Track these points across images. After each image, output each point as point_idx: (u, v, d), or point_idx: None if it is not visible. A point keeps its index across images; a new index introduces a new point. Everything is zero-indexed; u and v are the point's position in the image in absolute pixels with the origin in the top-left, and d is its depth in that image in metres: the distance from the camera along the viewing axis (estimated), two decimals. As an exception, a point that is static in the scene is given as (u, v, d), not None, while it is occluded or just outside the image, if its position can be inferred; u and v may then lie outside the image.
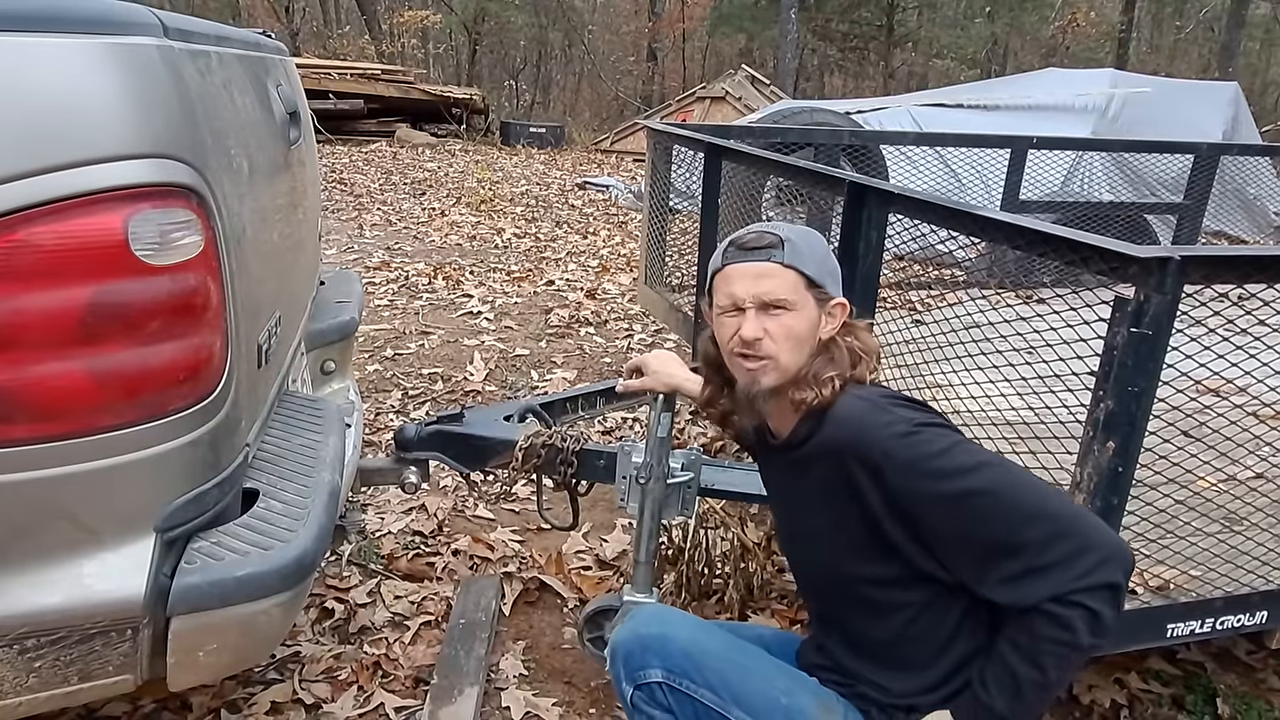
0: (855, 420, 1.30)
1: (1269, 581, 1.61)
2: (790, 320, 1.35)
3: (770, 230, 1.40)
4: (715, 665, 1.41)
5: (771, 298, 1.35)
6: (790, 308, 1.35)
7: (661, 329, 4.79)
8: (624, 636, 1.50)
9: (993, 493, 1.19)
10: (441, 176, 10.65)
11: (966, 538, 1.22)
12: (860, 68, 24.51)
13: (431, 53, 24.70)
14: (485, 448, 2.21)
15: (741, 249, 1.39)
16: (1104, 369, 1.34)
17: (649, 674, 1.43)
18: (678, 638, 1.44)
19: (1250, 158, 5.11)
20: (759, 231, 1.40)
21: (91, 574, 1.17)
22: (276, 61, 1.97)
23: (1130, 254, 1.29)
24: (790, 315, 1.35)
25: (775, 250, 1.36)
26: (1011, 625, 1.20)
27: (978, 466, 1.22)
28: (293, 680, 2.05)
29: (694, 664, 1.41)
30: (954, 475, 1.21)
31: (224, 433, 1.30)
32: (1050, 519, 1.16)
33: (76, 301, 1.10)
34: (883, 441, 1.25)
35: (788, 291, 1.35)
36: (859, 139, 4.35)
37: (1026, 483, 1.22)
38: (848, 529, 1.33)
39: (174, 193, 1.17)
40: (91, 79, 1.11)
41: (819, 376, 1.35)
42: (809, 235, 1.42)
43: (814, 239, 1.42)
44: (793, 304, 1.35)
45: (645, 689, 1.44)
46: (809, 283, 1.36)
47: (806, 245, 1.38)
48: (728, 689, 1.39)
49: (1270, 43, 22.59)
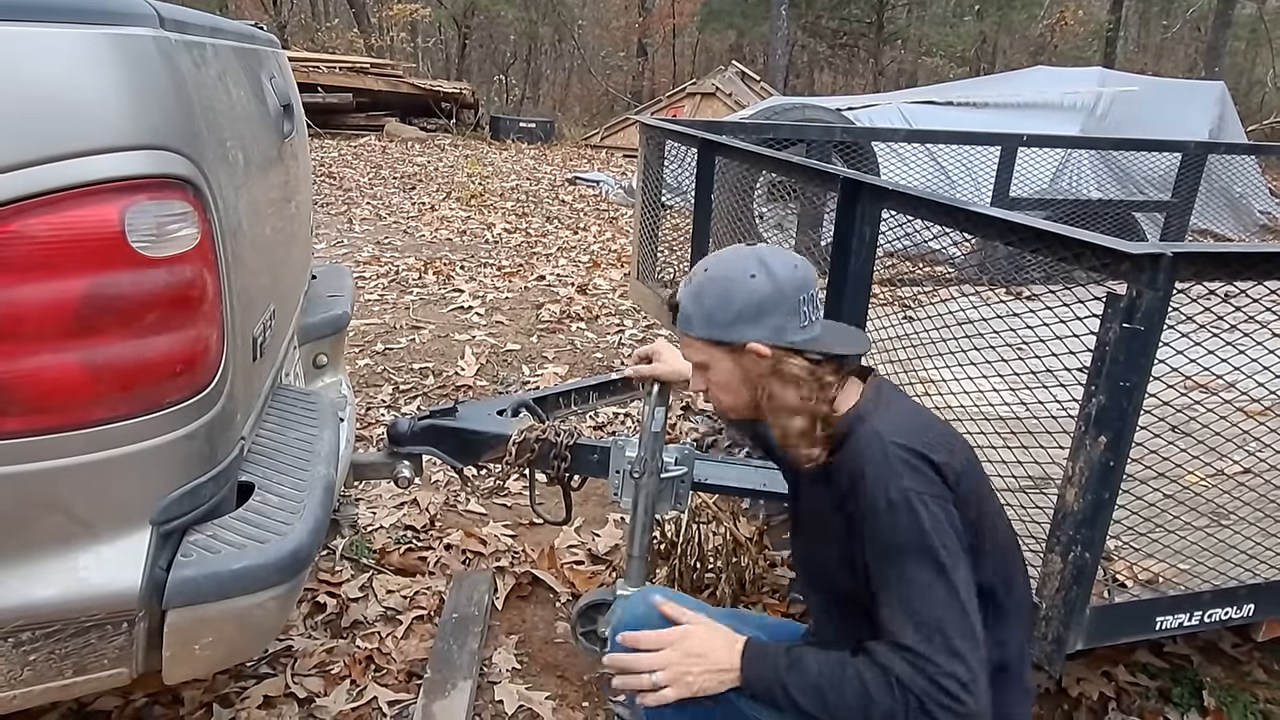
0: (864, 461, 1.30)
1: (1255, 575, 1.63)
2: (714, 375, 1.42)
3: (676, 292, 1.46)
4: None
5: (689, 359, 1.45)
6: (707, 366, 1.42)
7: (653, 324, 4.80)
8: (625, 619, 1.52)
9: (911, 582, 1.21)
10: (431, 171, 10.61)
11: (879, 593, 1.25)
12: (850, 64, 24.55)
13: (421, 46, 24.59)
14: (478, 442, 2.21)
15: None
16: (1096, 364, 1.35)
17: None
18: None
19: (1236, 156, 5.14)
20: (672, 293, 1.47)
21: (87, 567, 1.16)
22: (269, 54, 1.96)
23: (1123, 250, 1.30)
24: (710, 372, 1.42)
25: (673, 316, 1.46)
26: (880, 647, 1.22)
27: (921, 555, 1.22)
28: (285, 674, 2.05)
29: None
30: (899, 551, 1.23)
31: (219, 426, 1.30)
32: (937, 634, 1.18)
33: (72, 293, 1.10)
34: (872, 498, 1.26)
35: (697, 355, 1.42)
36: (851, 135, 4.37)
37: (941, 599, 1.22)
38: (837, 543, 1.35)
39: (170, 185, 1.16)
40: (88, 70, 1.11)
41: (790, 426, 1.37)
42: (702, 291, 1.40)
43: (708, 292, 1.39)
44: (706, 363, 1.42)
45: None
46: (710, 341, 1.40)
47: (697, 308, 1.39)
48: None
49: (1256, 42, 22.74)
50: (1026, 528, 1.54)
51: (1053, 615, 1.49)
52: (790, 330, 1.35)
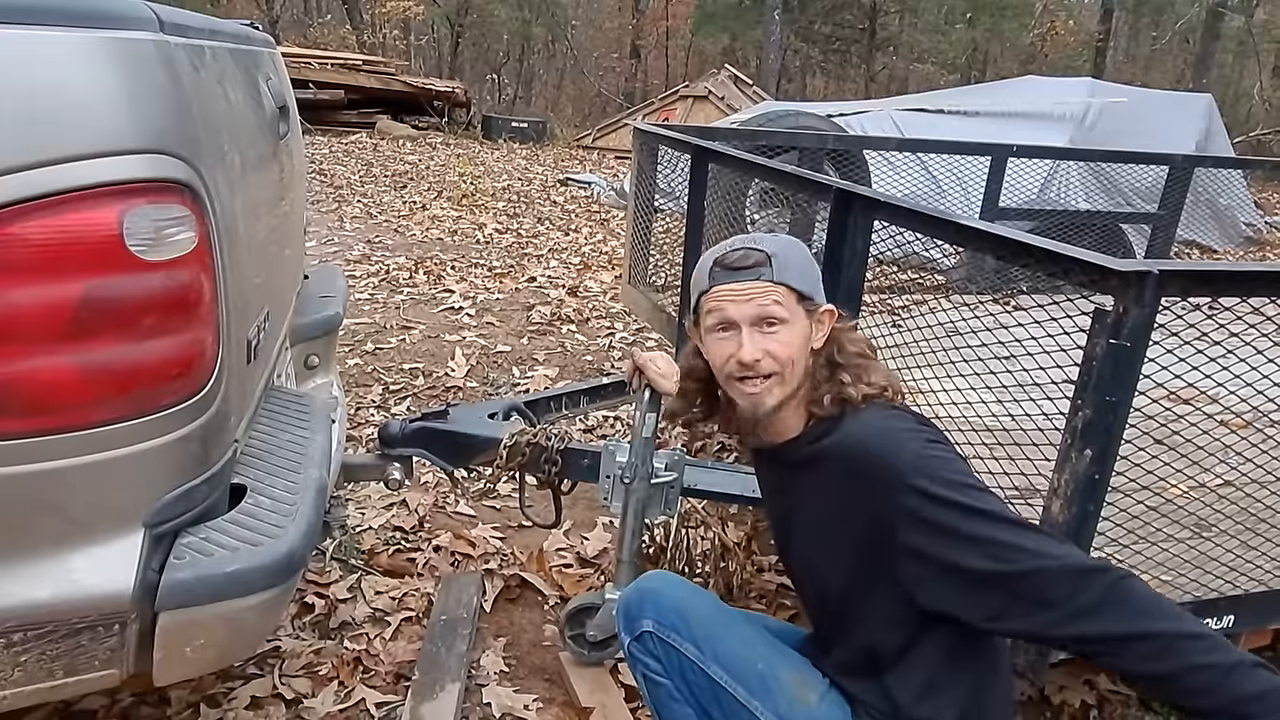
0: (869, 432, 1.31)
1: (1235, 586, 1.66)
2: (786, 336, 1.36)
3: (754, 246, 1.39)
4: (701, 622, 1.48)
5: (766, 316, 1.36)
6: (785, 323, 1.36)
7: (644, 328, 4.81)
8: (627, 593, 1.58)
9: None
10: (423, 170, 10.59)
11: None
12: (842, 70, 24.64)
13: (413, 44, 24.52)
14: (470, 445, 2.22)
15: (728, 269, 1.39)
16: (1083, 379, 1.37)
17: (643, 624, 1.50)
18: (671, 595, 1.52)
19: (1223, 169, 5.20)
20: (744, 249, 1.39)
21: (80, 568, 1.16)
22: (265, 55, 1.96)
23: (1110, 267, 1.32)
24: (785, 330, 1.36)
25: (763, 268, 1.36)
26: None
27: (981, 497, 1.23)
28: (273, 675, 2.05)
29: (682, 619, 1.48)
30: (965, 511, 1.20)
31: (214, 428, 1.30)
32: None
33: (70, 296, 1.10)
34: (897, 452, 1.25)
35: (781, 309, 1.36)
36: (843, 144, 4.39)
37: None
38: (841, 539, 1.35)
39: (169, 188, 1.17)
40: (87, 73, 1.11)
41: (824, 389, 1.38)
42: (791, 246, 1.42)
43: (797, 249, 1.42)
44: (787, 319, 1.36)
45: (640, 640, 1.51)
46: (799, 296, 1.37)
47: (792, 258, 1.39)
48: (709, 647, 1.45)
49: (1243, 55, 22.96)
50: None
51: (1037, 625, 1.50)
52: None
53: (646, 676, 1.52)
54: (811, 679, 1.43)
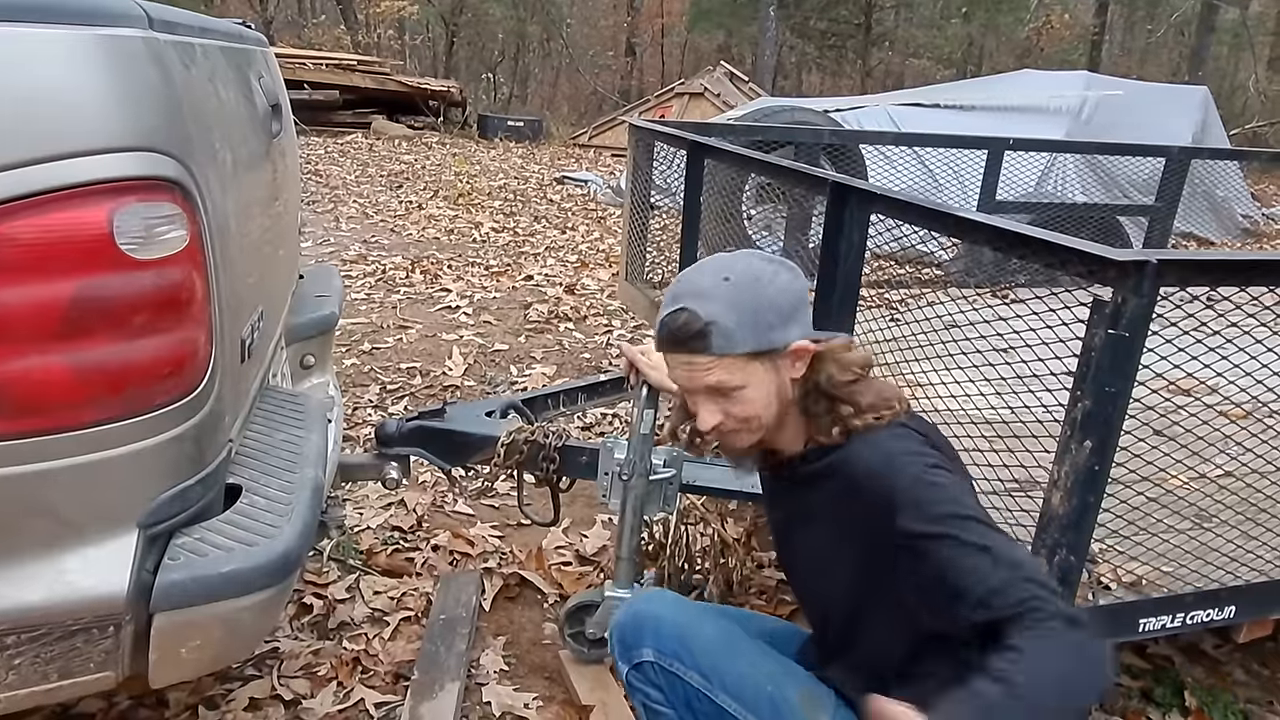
0: (873, 455, 1.26)
1: (1236, 577, 1.65)
2: (746, 395, 1.27)
3: (693, 312, 1.25)
4: (705, 649, 1.43)
5: (717, 387, 1.27)
6: (741, 388, 1.27)
7: (641, 325, 4.80)
8: (622, 617, 1.53)
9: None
10: (418, 169, 10.58)
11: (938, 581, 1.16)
12: (838, 66, 24.63)
13: (408, 44, 24.49)
14: (467, 444, 2.21)
15: (670, 338, 1.29)
16: (1082, 369, 1.36)
17: (642, 653, 1.46)
18: (672, 620, 1.47)
19: (1219, 161, 5.19)
20: (683, 316, 1.26)
21: (73, 570, 1.16)
22: (258, 53, 1.95)
23: (1108, 257, 1.31)
24: (743, 393, 1.27)
25: (703, 340, 1.25)
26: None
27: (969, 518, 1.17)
28: (271, 676, 2.04)
29: (684, 646, 1.43)
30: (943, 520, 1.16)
31: (208, 428, 1.29)
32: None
33: (60, 295, 1.09)
34: (894, 478, 1.21)
35: (734, 377, 1.26)
36: (839, 138, 4.38)
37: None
38: (843, 557, 1.34)
39: (160, 186, 1.16)
40: (77, 70, 1.10)
41: (825, 420, 1.30)
42: (737, 298, 1.25)
43: (744, 300, 1.25)
44: (741, 385, 1.27)
45: (639, 669, 1.47)
46: (752, 355, 1.26)
47: (738, 317, 1.24)
48: (716, 673, 1.41)
49: (1238, 47, 22.96)
50: (1012, 531, 1.56)
51: (1038, 617, 1.50)
52: (808, 326, 1.31)
53: (647, 706, 1.48)
54: (821, 696, 1.40)
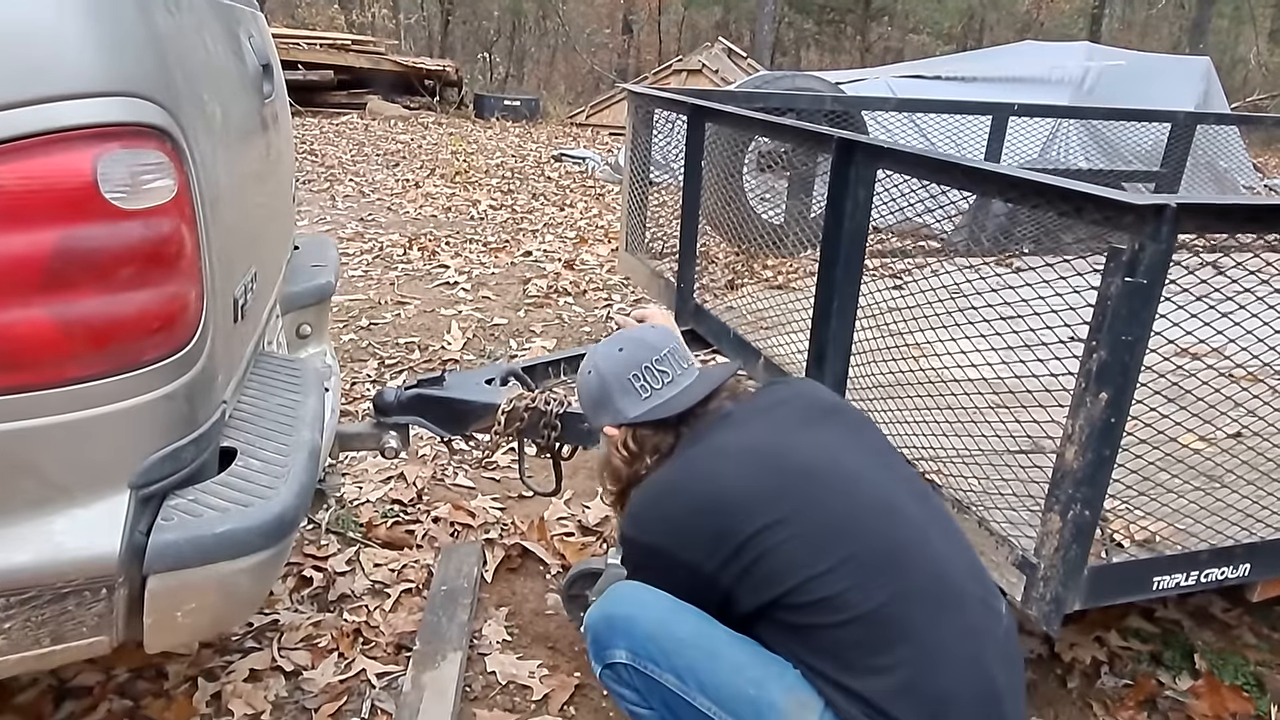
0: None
1: (1252, 534, 1.62)
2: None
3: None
4: (682, 651, 1.36)
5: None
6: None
7: (642, 297, 4.76)
8: (594, 616, 1.48)
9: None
10: (415, 148, 10.49)
11: None
12: (837, 42, 24.43)
13: (403, 23, 24.24)
14: (466, 412, 2.18)
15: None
16: (1097, 319, 1.32)
17: (615, 654, 1.42)
18: (644, 619, 1.40)
19: (1223, 127, 5.13)
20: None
21: (62, 531, 1.12)
22: (246, 12, 1.90)
23: (1126, 202, 1.27)
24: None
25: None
26: None
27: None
28: (271, 648, 2.02)
29: (659, 648, 1.37)
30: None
31: (200, 387, 1.26)
32: None
33: (42, 246, 1.05)
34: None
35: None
36: (841, 104, 4.31)
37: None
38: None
39: (145, 133, 1.12)
40: (55, 12, 1.06)
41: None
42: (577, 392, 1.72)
43: (578, 392, 1.72)
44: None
45: (612, 669, 1.43)
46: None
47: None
48: (694, 676, 1.34)
49: (1239, 20, 22.76)
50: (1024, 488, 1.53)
51: (1051, 575, 1.47)
52: (631, 407, 1.56)
53: (624, 707, 1.45)
54: (806, 697, 1.30)
